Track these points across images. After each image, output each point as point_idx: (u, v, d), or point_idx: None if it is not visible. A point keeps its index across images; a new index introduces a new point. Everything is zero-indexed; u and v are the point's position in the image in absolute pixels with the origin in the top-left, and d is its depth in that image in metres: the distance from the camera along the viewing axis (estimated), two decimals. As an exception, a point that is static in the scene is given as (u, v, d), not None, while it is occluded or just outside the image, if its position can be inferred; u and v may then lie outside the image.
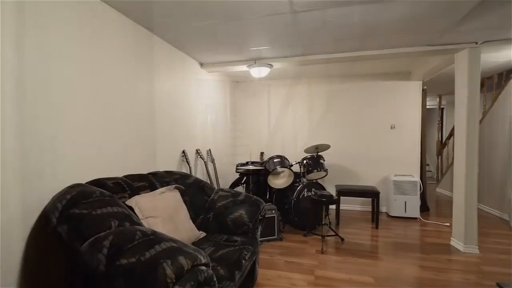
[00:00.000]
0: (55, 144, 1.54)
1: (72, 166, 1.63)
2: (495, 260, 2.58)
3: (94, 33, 1.80)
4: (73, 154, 1.64)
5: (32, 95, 1.42)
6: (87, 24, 1.75)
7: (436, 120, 6.41)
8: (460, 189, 2.82)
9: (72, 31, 1.64)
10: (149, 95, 2.39)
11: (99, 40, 1.84)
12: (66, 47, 1.61)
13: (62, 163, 1.57)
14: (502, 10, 1.99)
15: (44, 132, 1.47)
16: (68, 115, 1.61)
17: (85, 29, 1.74)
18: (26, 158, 1.38)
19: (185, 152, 2.93)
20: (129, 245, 1.12)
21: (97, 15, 1.83)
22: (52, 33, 1.53)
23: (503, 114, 3.90)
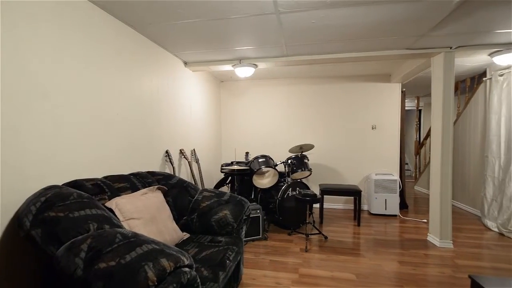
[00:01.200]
0: (27, 143, 1.46)
1: (47, 166, 1.56)
2: (468, 254, 2.72)
3: (73, 30, 1.73)
4: (48, 154, 1.57)
5: (7, 91, 1.34)
6: (65, 19, 1.67)
7: (414, 121, 6.68)
8: (436, 187, 2.95)
9: (48, 27, 1.57)
10: (132, 94, 2.32)
11: (78, 37, 1.77)
12: (41, 44, 1.53)
13: (37, 164, 1.50)
14: (474, 18, 2.11)
15: (19, 131, 1.40)
16: (43, 114, 1.54)
17: (64, 26, 1.66)
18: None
19: (168, 152, 2.87)
20: (108, 248, 1.09)
21: (76, 11, 1.76)
22: (26, 30, 1.45)
23: (475, 116, 4.12)
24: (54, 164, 1.60)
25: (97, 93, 1.94)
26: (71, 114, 1.72)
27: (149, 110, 2.60)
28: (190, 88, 3.52)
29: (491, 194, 3.56)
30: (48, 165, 1.57)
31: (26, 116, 1.45)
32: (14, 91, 1.39)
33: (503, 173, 3.38)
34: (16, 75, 1.41)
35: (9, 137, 1.37)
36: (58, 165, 1.63)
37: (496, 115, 3.52)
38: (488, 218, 3.55)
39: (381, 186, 4.01)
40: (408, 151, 7.72)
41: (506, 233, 3.20)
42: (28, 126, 1.46)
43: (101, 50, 1.98)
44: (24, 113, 1.44)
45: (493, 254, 2.71)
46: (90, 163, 1.87)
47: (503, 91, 3.43)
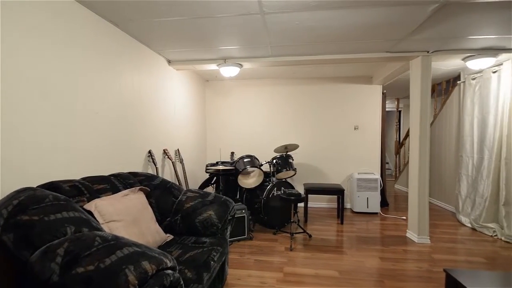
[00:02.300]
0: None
1: (19, 168, 1.48)
2: (443, 248, 2.85)
3: (48, 24, 1.65)
4: (20, 154, 1.49)
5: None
6: (41, 13, 1.60)
7: (394, 122, 6.92)
8: (414, 185, 3.07)
9: (26, 23, 1.49)
10: (112, 92, 2.25)
11: (54, 32, 1.69)
12: (13, 38, 1.45)
13: (7, 165, 1.42)
14: (449, 24, 2.21)
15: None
16: (19, 112, 1.46)
17: (38, 19, 1.58)
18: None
19: (151, 152, 2.81)
20: (86, 252, 1.05)
21: (53, 5, 1.68)
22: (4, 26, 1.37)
23: (451, 117, 4.33)
24: (28, 166, 1.53)
25: (74, 90, 1.86)
26: (45, 112, 1.64)
27: (131, 109, 2.53)
28: (174, 87, 3.46)
29: (465, 191, 3.75)
30: (21, 167, 1.49)
31: (9, 123, 1.38)
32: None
33: (476, 172, 3.57)
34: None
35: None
36: (32, 167, 1.55)
37: (469, 116, 3.71)
38: (462, 214, 3.74)
39: (363, 185, 4.13)
40: (388, 151, 7.98)
41: (478, 228, 3.39)
42: (10, 131, 1.38)
43: (78, 46, 1.90)
44: (8, 121, 1.36)
45: (467, 248, 2.86)
46: (68, 164, 1.79)
47: (476, 94, 3.62)
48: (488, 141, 3.36)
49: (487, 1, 1.85)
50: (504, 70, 3.13)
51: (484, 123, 3.45)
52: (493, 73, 3.31)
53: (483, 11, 1.99)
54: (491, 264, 2.52)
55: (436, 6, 1.93)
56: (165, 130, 3.20)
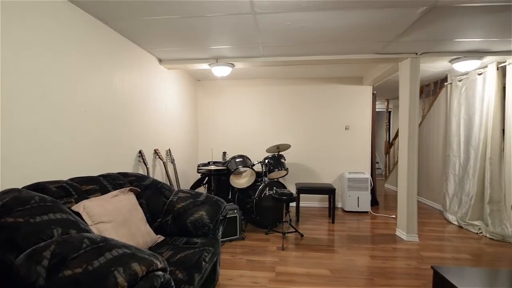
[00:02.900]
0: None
1: (4, 169, 1.44)
2: (431, 246, 2.92)
3: (37, 22, 1.60)
4: (6, 155, 1.44)
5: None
6: (28, 10, 1.55)
7: (384, 122, 7.04)
8: (403, 184, 3.14)
9: (9, 17, 1.44)
10: (101, 91, 2.21)
11: (42, 31, 1.65)
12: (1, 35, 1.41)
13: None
14: (436, 27, 2.27)
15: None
16: (4, 111, 1.41)
17: (27, 17, 1.54)
18: None
19: (142, 153, 2.77)
20: (74, 254, 1.02)
21: (41, 2, 1.64)
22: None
23: (438, 118, 4.44)
24: (13, 166, 1.48)
25: (61, 89, 1.82)
26: (31, 111, 1.60)
27: (121, 109, 2.49)
28: (165, 86, 3.43)
29: (452, 190, 3.85)
30: (6, 167, 1.44)
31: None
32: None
33: (462, 171, 3.67)
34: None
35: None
36: (17, 167, 1.50)
37: (456, 117, 3.81)
38: (449, 212, 3.84)
39: (354, 185, 4.18)
40: (378, 151, 8.12)
41: (464, 225, 3.48)
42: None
43: (67, 44, 1.86)
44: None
45: (453, 246, 2.94)
46: (55, 164, 1.75)
47: (462, 95, 3.72)
48: (474, 141, 3.46)
49: (472, 5, 1.91)
50: (489, 72, 3.23)
51: (470, 123, 3.55)
52: (478, 75, 3.41)
53: (469, 14, 2.05)
54: (476, 260, 2.59)
55: (424, 9, 1.97)
56: (156, 129, 3.16)
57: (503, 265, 2.51)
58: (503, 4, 1.88)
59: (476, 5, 1.91)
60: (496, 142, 3.19)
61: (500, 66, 3.14)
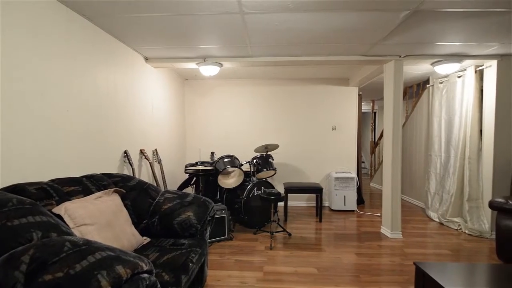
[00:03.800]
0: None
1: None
2: (414, 242, 3.01)
3: (16, 18, 1.53)
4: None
5: None
6: (7, 5, 1.48)
7: (370, 123, 7.20)
8: (387, 183, 3.22)
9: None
10: (85, 90, 2.14)
11: (22, 26, 1.58)
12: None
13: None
14: (419, 30, 2.34)
15: None
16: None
17: (6, 11, 1.47)
18: None
19: (127, 153, 2.71)
20: (55, 258, 0.99)
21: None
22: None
23: (421, 119, 4.58)
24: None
25: (41, 87, 1.75)
26: (8, 109, 1.53)
27: (105, 108, 2.42)
28: (152, 85, 3.37)
29: (433, 188, 3.99)
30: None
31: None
32: None
33: (443, 170, 3.81)
34: None
35: None
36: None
37: (438, 118, 3.95)
38: (431, 210, 3.97)
39: (340, 184, 4.25)
40: (364, 151, 8.30)
41: (445, 222, 3.62)
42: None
43: (48, 41, 1.79)
44: None
45: (435, 242, 3.05)
46: (35, 165, 1.68)
47: (443, 97, 3.86)
48: (454, 141, 3.60)
49: (452, 11, 1.98)
50: (468, 75, 3.37)
51: (450, 124, 3.69)
52: (458, 77, 3.55)
53: (449, 19, 2.13)
54: (456, 255, 2.70)
55: (407, 13, 2.03)
56: (142, 129, 3.10)
57: (480, 259, 2.62)
58: (480, 10, 1.97)
59: (455, 11, 1.98)
60: (475, 142, 3.33)
61: (478, 69, 3.28)
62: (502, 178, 3.10)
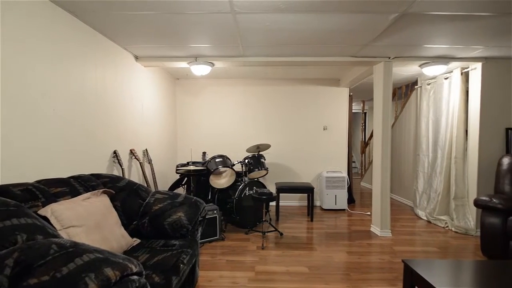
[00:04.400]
0: None
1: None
2: (403, 240, 3.08)
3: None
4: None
5: None
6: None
7: (360, 123, 7.31)
8: (377, 182, 3.27)
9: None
10: (72, 88, 2.09)
11: (4, 22, 1.53)
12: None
13: None
14: (407, 33, 2.39)
15: None
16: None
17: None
18: None
19: (116, 153, 2.66)
20: (40, 262, 0.96)
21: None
22: None
23: (409, 119, 4.68)
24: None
25: (27, 85, 1.70)
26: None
27: (94, 107, 2.38)
28: (142, 84, 3.32)
29: (421, 187, 4.08)
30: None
31: None
32: None
33: (430, 169, 3.90)
34: None
35: None
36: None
37: (425, 118, 4.04)
38: (419, 208, 4.06)
39: (331, 183, 4.30)
40: (355, 150, 8.41)
41: (432, 220, 3.71)
42: None
43: (33, 37, 1.74)
44: None
45: (423, 240, 3.12)
46: (20, 166, 1.63)
47: (430, 98, 3.96)
48: (441, 141, 3.69)
49: (438, 14, 2.03)
50: (454, 77, 3.46)
51: (438, 124, 3.78)
52: (445, 79, 3.64)
53: (436, 22, 2.18)
54: (443, 252, 2.77)
55: (396, 15, 2.07)
56: (132, 129, 3.05)
57: (466, 256, 2.70)
58: (465, 14, 2.03)
59: (442, 14, 2.03)
60: (460, 142, 3.43)
61: (464, 71, 3.37)
62: (486, 177, 3.19)
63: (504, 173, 2.80)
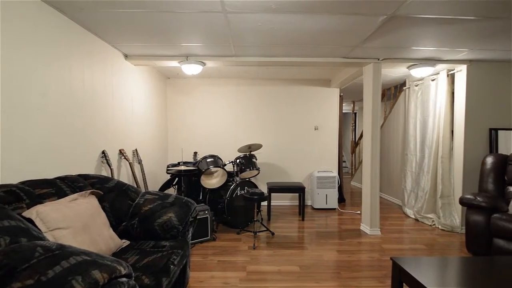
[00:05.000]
0: None
1: None
2: (392, 238, 3.14)
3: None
4: None
5: None
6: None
7: (350, 123, 7.41)
8: (367, 182, 3.33)
9: None
10: (58, 87, 2.04)
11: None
12: None
13: None
14: (396, 35, 2.44)
15: None
16: None
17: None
18: None
19: (105, 153, 2.61)
20: (25, 265, 0.93)
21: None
22: None
23: (398, 120, 4.78)
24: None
25: (7, 83, 1.65)
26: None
27: (81, 106, 2.32)
28: (132, 83, 3.26)
29: (409, 186, 4.16)
30: None
31: None
32: None
33: (418, 168, 3.99)
34: None
35: None
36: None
37: (413, 119, 4.13)
38: (407, 207, 4.15)
39: (322, 183, 4.34)
40: (345, 150, 8.52)
41: (420, 218, 3.79)
42: None
43: (16, 34, 1.69)
44: None
45: (411, 237, 3.19)
46: (3, 167, 1.58)
47: (418, 99, 4.05)
48: (428, 141, 3.78)
49: (425, 17, 2.08)
50: (440, 78, 3.55)
51: (425, 125, 3.87)
52: (432, 81, 3.73)
53: (423, 25, 2.23)
54: (430, 250, 2.84)
55: (384, 18, 2.11)
56: (121, 129, 3.00)
57: (452, 253, 2.78)
58: (451, 17, 2.08)
59: (429, 17, 2.08)
60: (447, 142, 3.52)
61: (450, 73, 3.47)
62: (471, 176, 3.29)
63: (487, 172, 2.89)
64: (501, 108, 3.32)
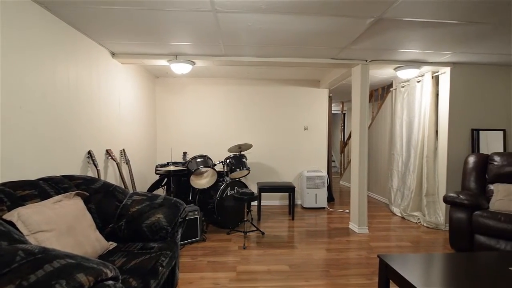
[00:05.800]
0: None
1: None
2: (379, 236, 3.20)
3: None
4: None
5: None
6: None
7: (339, 123, 7.52)
8: (355, 181, 3.38)
9: None
10: (41, 85, 1.97)
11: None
12: None
13: None
14: (383, 37, 2.49)
15: None
16: None
17: None
18: None
19: (91, 153, 2.55)
20: (5, 270, 0.90)
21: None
22: None
23: (385, 120, 4.88)
24: None
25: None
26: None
27: (66, 105, 2.25)
28: (119, 82, 3.20)
29: (396, 185, 4.26)
30: None
31: None
32: None
33: (404, 168, 4.09)
34: None
35: None
36: None
37: (400, 119, 4.24)
38: (394, 205, 4.25)
39: (312, 182, 4.38)
40: (334, 150, 8.63)
41: (406, 216, 3.89)
42: None
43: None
44: None
45: (397, 235, 3.26)
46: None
47: (404, 100, 4.15)
48: (414, 141, 3.88)
49: (411, 20, 2.14)
50: (425, 80, 3.65)
51: (411, 125, 3.97)
52: (417, 82, 3.84)
53: (409, 28, 2.29)
54: (416, 247, 2.92)
55: (372, 20, 2.15)
56: (108, 128, 2.93)
57: (436, 250, 2.86)
58: (435, 21, 2.15)
59: (414, 20, 2.14)
60: (431, 142, 3.62)
61: (434, 75, 3.57)
62: (454, 174, 3.40)
63: (470, 171, 3.00)
64: (483, 109, 3.45)
